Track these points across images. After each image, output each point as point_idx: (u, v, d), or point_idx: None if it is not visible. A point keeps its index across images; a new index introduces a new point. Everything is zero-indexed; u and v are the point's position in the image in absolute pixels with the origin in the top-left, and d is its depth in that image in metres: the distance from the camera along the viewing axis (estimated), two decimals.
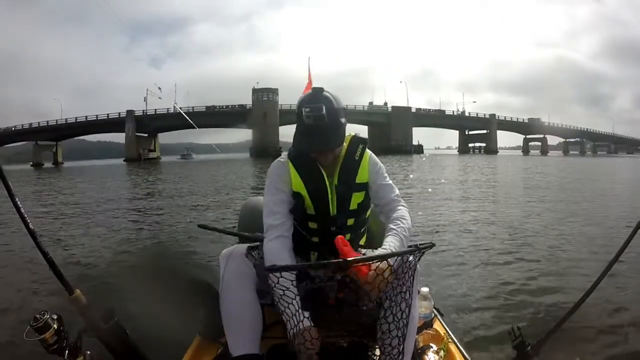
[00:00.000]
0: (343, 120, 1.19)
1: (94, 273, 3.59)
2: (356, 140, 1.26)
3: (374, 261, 0.98)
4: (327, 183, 1.20)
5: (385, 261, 0.99)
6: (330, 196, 1.20)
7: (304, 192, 1.20)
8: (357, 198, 1.22)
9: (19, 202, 0.92)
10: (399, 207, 1.22)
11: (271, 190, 1.22)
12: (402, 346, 1.07)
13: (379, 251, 1.08)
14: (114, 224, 6.43)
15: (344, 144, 1.23)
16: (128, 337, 1.07)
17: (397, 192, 1.26)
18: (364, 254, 1.16)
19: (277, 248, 1.14)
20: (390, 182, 1.27)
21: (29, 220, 0.94)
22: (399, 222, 1.17)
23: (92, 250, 4.64)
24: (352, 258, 0.96)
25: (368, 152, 1.26)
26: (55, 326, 0.90)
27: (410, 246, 1.04)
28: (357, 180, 1.22)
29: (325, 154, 1.19)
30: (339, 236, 1.02)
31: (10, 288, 3.26)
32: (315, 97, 1.16)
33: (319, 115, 1.12)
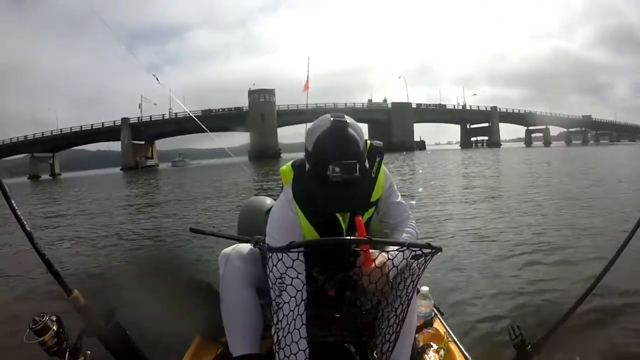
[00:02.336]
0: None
1: (93, 275, 3.58)
2: (373, 152, 1.10)
3: (391, 248, 0.99)
4: (341, 218, 1.10)
5: (387, 257, 0.99)
6: (343, 228, 1.12)
7: (316, 236, 1.10)
8: (367, 214, 1.15)
9: (14, 205, 0.92)
10: (409, 224, 1.19)
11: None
12: (401, 345, 1.07)
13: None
14: (110, 228, 6.41)
15: None
16: (128, 337, 1.08)
17: (409, 210, 1.21)
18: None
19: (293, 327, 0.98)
20: (401, 199, 1.21)
21: (25, 222, 0.94)
22: (405, 234, 1.15)
23: (91, 253, 4.64)
24: (376, 239, 0.96)
25: (382, 166, 1.15)
26: (54, 328, 0.91)
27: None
28: (372, 199, 1.14)
29: None
30: (358, 217, 1.01)
31: (7, 290, 3.25)
32: (344, 145, 0.94)
33: (351, 178, 0.92)
